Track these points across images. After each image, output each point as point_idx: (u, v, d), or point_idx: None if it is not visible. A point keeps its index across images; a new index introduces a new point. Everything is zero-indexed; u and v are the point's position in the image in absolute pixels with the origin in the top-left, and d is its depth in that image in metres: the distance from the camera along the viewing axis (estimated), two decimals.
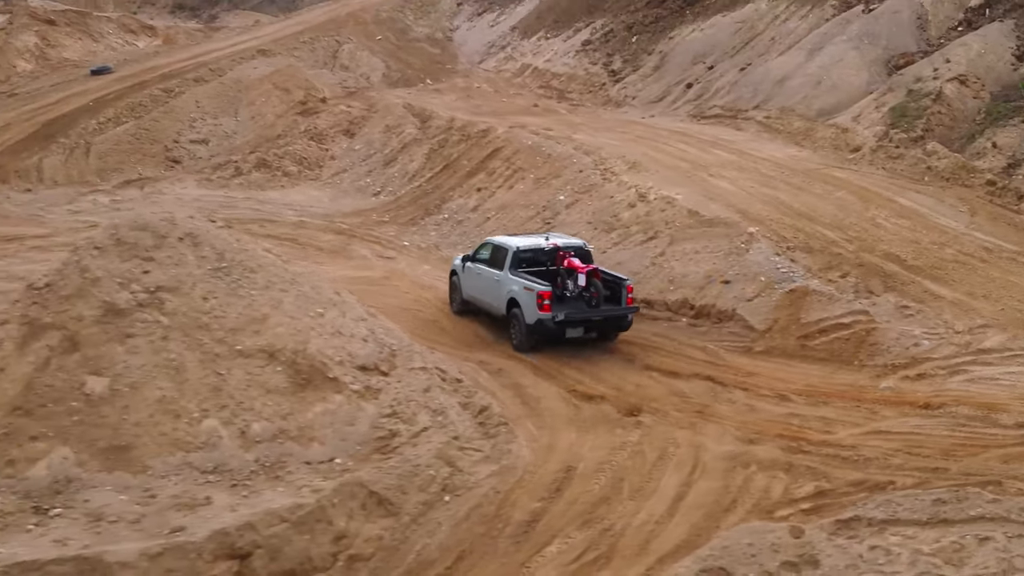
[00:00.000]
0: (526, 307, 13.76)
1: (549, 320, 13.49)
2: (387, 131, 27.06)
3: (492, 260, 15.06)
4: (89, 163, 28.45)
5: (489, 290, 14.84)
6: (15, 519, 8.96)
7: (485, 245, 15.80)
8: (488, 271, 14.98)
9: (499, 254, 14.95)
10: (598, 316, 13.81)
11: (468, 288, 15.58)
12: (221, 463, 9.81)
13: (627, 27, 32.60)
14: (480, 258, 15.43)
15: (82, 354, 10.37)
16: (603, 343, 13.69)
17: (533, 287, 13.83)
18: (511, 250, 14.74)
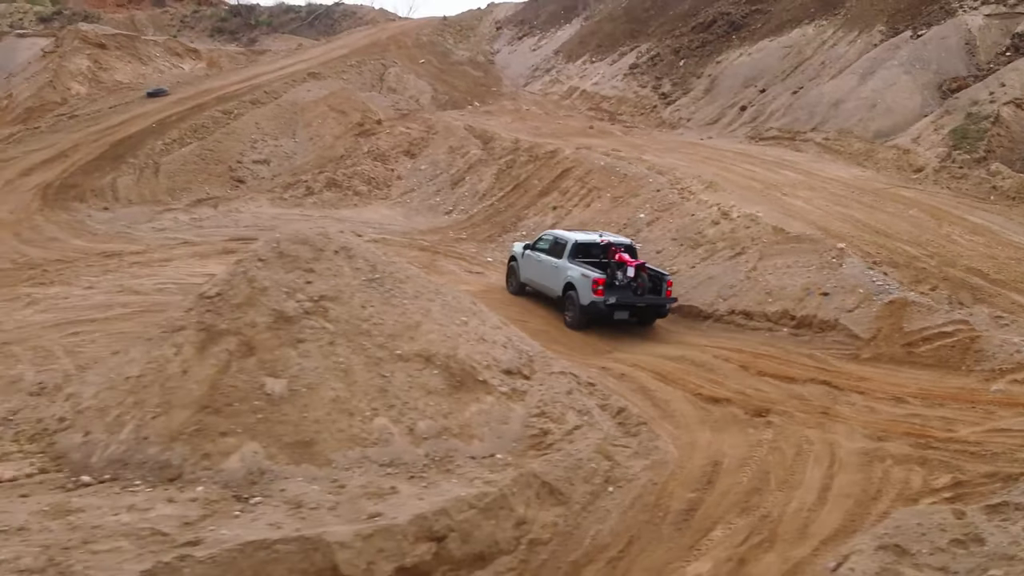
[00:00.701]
0: (581, 291, 16.17)
1: (601, 303, 15.93)
2: (451, 152, 28.00)
3: (552, 250, 17.51)
4: (159, 182, 29.43)
5: (547, 275, 17.21)
6: (220, 506, 9.75)
7: (545, 237, 18.20)
8: (548, 259, 17.43)
9: (559, 245, 17.37)
10: (642, 303, 16.19)
11: (526, 272, 18.11)
12: (396, 457, 10.62)
13: (674, 51, 33.59)
14: (540, 247, 17.90)
15: (258, 358, 11.19)
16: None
17: (589, 274, 16.21)
18: (570, 242, 17.14)
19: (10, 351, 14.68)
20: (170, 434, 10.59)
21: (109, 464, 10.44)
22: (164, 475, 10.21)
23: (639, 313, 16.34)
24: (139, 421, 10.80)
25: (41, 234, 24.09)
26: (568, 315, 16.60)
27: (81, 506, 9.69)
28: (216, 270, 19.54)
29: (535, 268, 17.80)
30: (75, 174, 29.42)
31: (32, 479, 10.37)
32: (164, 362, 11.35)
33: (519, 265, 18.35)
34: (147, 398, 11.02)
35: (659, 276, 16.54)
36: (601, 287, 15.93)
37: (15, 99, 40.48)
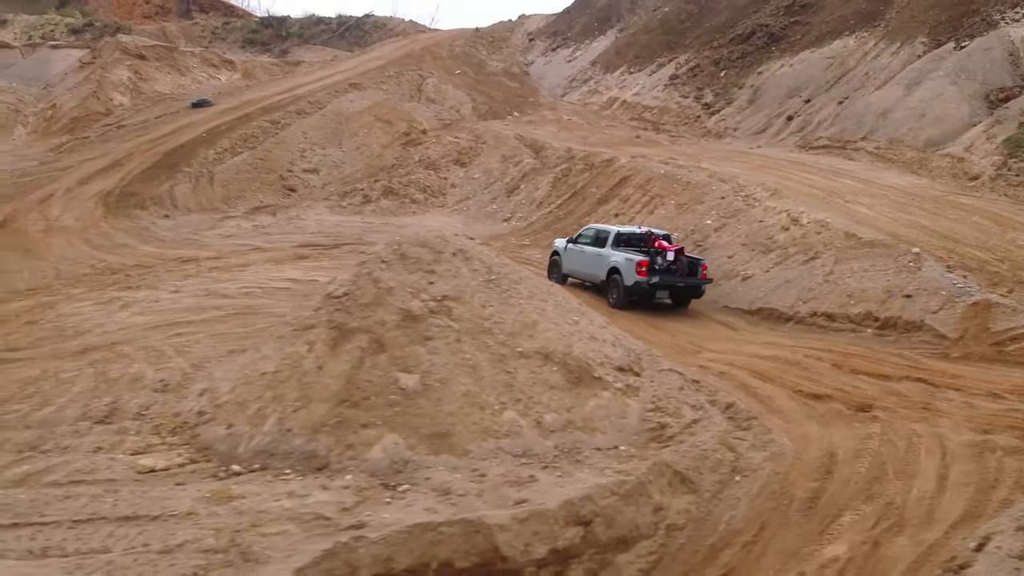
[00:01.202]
0: (626, 273, 18.02)
1: (644, 283, 17.77)
2: (504, 161, 28.61)
3: (594, 241, 19.41)
4: (214, 191, 30.08)
5: (591, 263, 19.03)
6: (371, 493, 10.28)
7: (587, 230, 20.14)
8: (591, 249, 19.28)
9: (602, 235, 19.30)
10: (681, 283, 18.03)
11: (569, 263, 19.95)
12: (528, 448, 11.15)
13: (713, 62, 34.22)
14: (582, 240, 19.79)
15: (389, 354, 11.74)
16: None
17: (633, 257, 18.09)
18: (613, 232, 19.16)
19: (122, 351, 15.24)
20: (312, 426, 11.13)
21: (256, 455, 10.97)
22: (311, 465, 10.73)
23: (677, 293, 18.10)
24: (281, 414, 11.34)
25: (111, 240, 24.68)
26: (612, 296, 18.38)
27: (241, 493, 10.23)
28: (294, 275, 20.24)
29: (578, 259, 19.58)
30: (133, 182, 30.06)
31: (184, 469, 10.91)
32: (298, 359, 11.90)
33: (562, 258, 20.07)
34: (285, 392, 11.56)
35: (695, 261, 18.41)
36: (644, 268, 17.72)
37: (59, 109, 41.24)
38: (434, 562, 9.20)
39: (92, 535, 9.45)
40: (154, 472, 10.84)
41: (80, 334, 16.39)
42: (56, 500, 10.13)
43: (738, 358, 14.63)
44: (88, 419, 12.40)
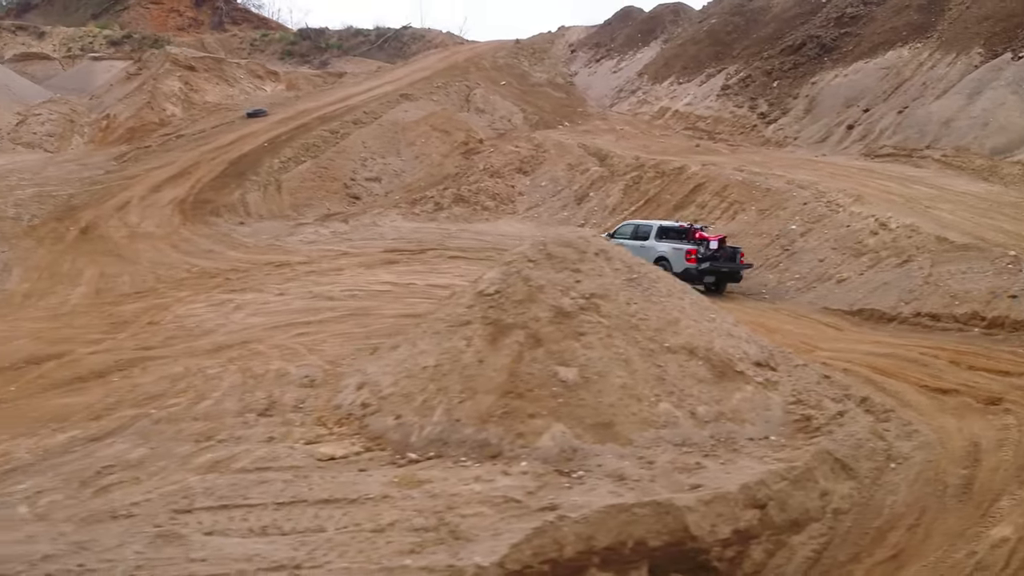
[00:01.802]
0: (675, 261, 20.08)
1: (693, 269, 19.75)
2: (570, 169, 29.24)
3: (635, 235, 21.43)
4: (283, 198, 30.75)
5: (635, 254, 19.28)
6: (549, 479, 10.80)
7: (625, 226, 22.21)
8: (631, 242, 20.34)
9: (643, 229, 21.43)
10: (725, 268, 20.19)
11: None
12: (686, 438, 11.68)
13: (765, 73, 34.86)
14: (621, 235, 21.51)
15: (546, 348, 12.29)
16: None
17: (681, 247, 20.34)
18: (655, 226, 21.31)
19: (255, 349, 15.83)
20: (480, 416, 11.68)
21: (429, 443, 11.53)
22: (485, 453, 11.28)
23: (722, 277, 20.35)
24: (447, 405, 11.90)
25: (196, 246, 25.29)
26: None
27: (428, 478, 10.79)
28: (389, 278, 20.83)
29: None
30: (204, 190, 30.73)
31: (361, 456, 11.47)
32: (457, 353, 12.47)
33: None
34: (449, 385, 12.12)
35: (735, 249, 20.58)
36: (694, 256, 20.00)
37: (114, 119, 42.00)
38: (630, 541, 9.70)
39: (299, 516, 10.01)
40: (334, 460, 11.39)
41: (206, 333, 16.96)
42: (252, 485, 10.70)
43: (855, 356, 15.14)
44: (250, 412, 12.96)
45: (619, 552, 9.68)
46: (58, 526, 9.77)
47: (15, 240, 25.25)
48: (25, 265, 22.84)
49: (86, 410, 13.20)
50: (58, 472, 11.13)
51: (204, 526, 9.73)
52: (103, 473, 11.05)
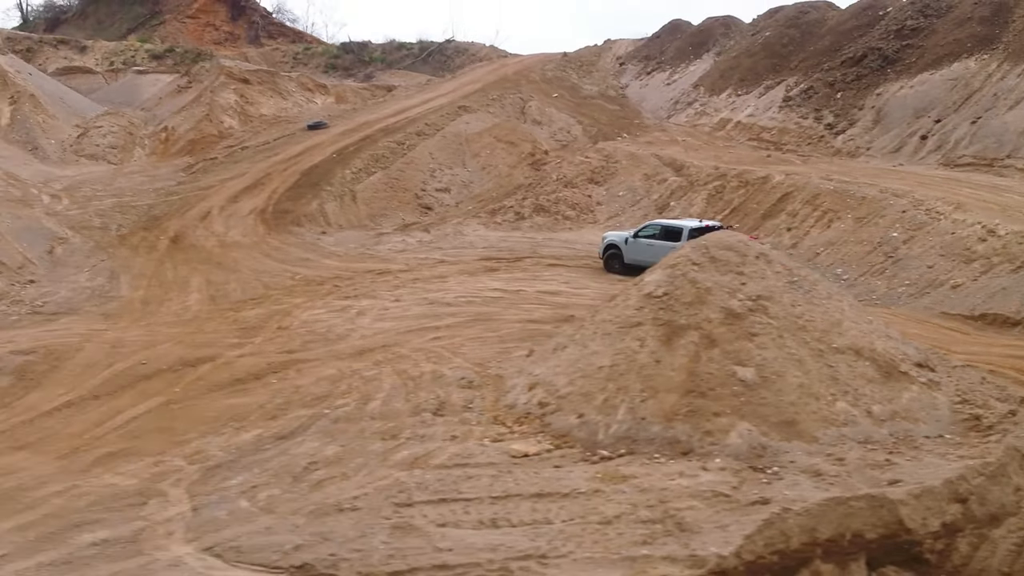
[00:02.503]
0: None
1: None
2: (647, 179, 29.57)
3: (664, 235, 22.28)
4: (359, 208, 31.11)
5: (663, 254, 20.24)
6: (747, 475, 11.06)
7: (650, 226, 23.25)
8: (660, 242, 21.86)
9: (673, 230, 22.17)
10: None
11: (632, 255, 22.65)
12: (868, 436, 11.93)
13: (827, 84, 35.20)
14: (646, 235, 22.75)
15: (721, 349, 12.58)
16: None
17: None
18: (687, 227, 21.84)
19: (399, 352, 16.14)
20: (665, 415, 11.97)
21: (618, 440, 11.81)
22: (676, 449, 11.56)
23: None
24: (630, 404, 12.19)
25: (289, 255, 25.64)
26: None
27: (632, 473, 11.07)
28: (496, 285, 21.13)
29: (646, 251, 21.84)
30: (281, 201, 31.11)
31: (552, 453, 11.76)
32: (631, 353, 12.76)
33: (623, 250, 22.99)
34: (628, 384, 12.41)
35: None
36: None
37: (174, 132, 42.44)
38: (848, 533, 9.94)
39: (517, 509, 10.30)
40: (527, 456, 11.67)
41: (341, 338, 17.28)
42: (460, 480, 11.00)
43: (992, 359, 15.39)
44: (424, 412, 13.26)
45: (839, 544, 9.92)
46: (289, 519, 10.08)
47: (111, 249, 25.62)
48: (130, 273, 23.19)
49: (259, 410, 13.50)
50: (263, 468, 11.45)
51: (431, 518, 10.03)
52: (309, 469, 11.37)
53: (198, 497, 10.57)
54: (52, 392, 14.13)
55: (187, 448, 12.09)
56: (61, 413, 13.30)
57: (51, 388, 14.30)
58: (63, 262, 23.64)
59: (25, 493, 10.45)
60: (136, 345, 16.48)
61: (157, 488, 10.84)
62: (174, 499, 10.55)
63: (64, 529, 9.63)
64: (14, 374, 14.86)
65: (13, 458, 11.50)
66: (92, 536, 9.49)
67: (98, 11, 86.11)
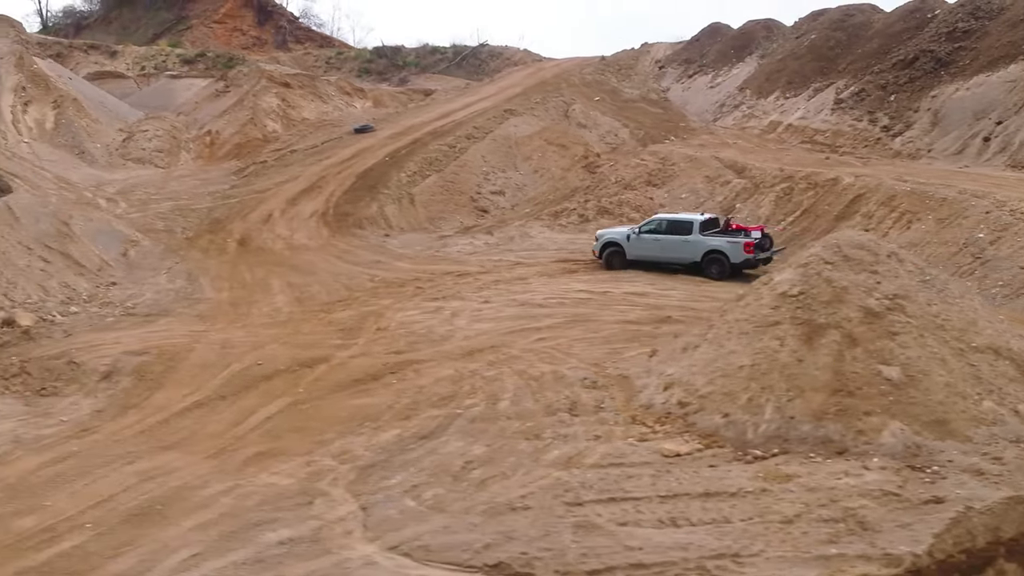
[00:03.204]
0: (732, 253, 21.99)
1: (752, 259, 21.87)
2: (709, 181, 29.51)
3: (671, 230, 23.00)
4: (417, 211, 31.09)
5: (676, 248, 22.72)
6: (908, 474, 10.96)
7: (653, 221, 23.67)
8: (668, 237, 22.87)
9: (682, 224, 23.00)
10: (767, 254, 22.21)
11: (636, 251, 23.21)
12: (1018, 435, 11.83)
13: (879, 87, 35.10)
14: (651, 231, 23.26)
15: (863, 348, 12.49)
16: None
17: (738, 240, 22.13)
18: (698, 220, 22.86)
19: (509, 353, 16.10)
20: (814, 414, 11.90)
21: (769, 440, 11.73)
22: (830, 449, 11.48)
23: (764, 261, 22.02)
24: (776, 403, 12.11)
25: (359, 257, 25.61)
26: (715, 270, 22.12)
27: (794, 472, 10.99)
28: (579, 286, 21.03)
29: (652, 246, 22.98)
30: (340, 203, 31.12)
31: (703, 453, 11.68)
32: (772, 352, 12.69)
33: (626, 247, 23.26)
34: (772, 383, 12.34)
35: (768, 236, 22.90)
36: (752, 248, 21.84)
37: (218, 136, 42.48)
38: None
39: (688, 508, 10.23)
40: (679, 456, 11.60)
41: (444, 339, 17.24)
42: (620, 479, 10.95)
43: None
44: (558, 411, 13.21)
45: (1021, 543, 9.84)
46: (463, 518, 10.03)
47: (182, 252, 25.62)
48: (208, 275, 23.17)
49: (389, 410, 13.47)
50: (418, 468, 11.40)
51: (609, 517, 9.97)
52: (467, 468, 11.31)
53: (362, 497, 10.53)
54: (177, 392, 14.09)
55: (331, 448, 12.04)
56: (193, 413, 13.26)
57: (174, 388, 14.26)
58: (137, 264, 23.61)
59: (192, 493, 10.41)
60: (243, 346, 16.45)
61: (317, 488, 10.79)
62: (339, 498, 10.50)
63: (244, 528, 9.59)
64: (133, 374, 14.83)
65: (165, 458, 11.47)
66: (275, 535, 9.44)
67: (122, 16, 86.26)
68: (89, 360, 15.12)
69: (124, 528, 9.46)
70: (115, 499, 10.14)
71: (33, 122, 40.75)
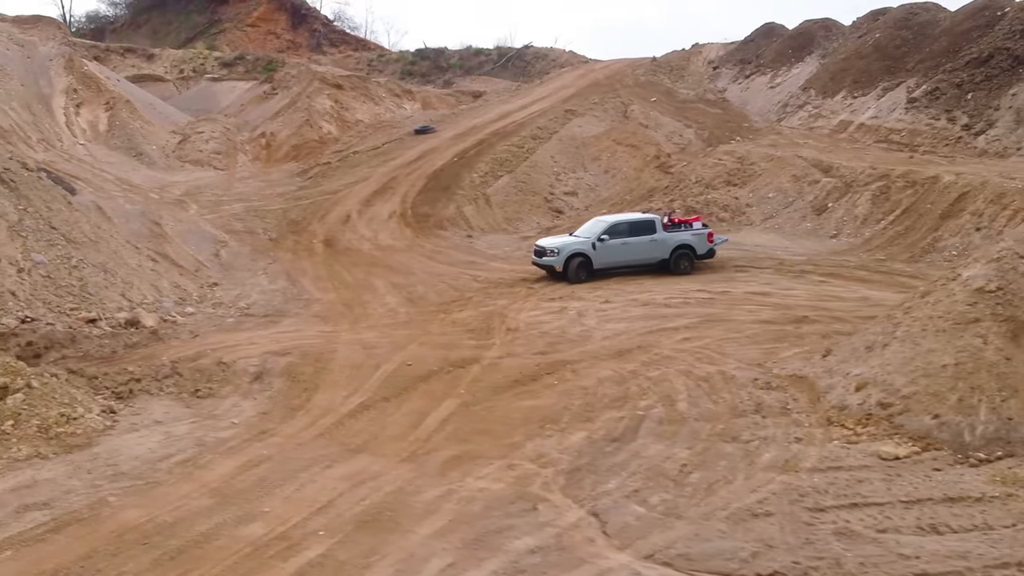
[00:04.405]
0: (698, 244, 22.54)
1: (711, 248, 22.67)
2: (796, 181, 28.98)
3: (636, 231, 22.50)
4: (494, 212, 30.63)
5: (645, 249, 22.41)
6: None
7: (616, 226, 22.57)
8: (635, 239, 22.35)
9: (645, 224, 22.69)
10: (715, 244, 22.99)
11: (607, 257, 22.10)
12: None
13: (955, 85, 34.52)
14: (616, 234, 22.29)
15: None
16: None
17: (702, 231, 22.80)
18: (657, 219, 22.94)
19: (661, 354, 15.59)
20: None
21: (989, 442, 11.21)
22: None
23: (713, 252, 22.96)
24: (990, 403, 11.56)
25: (452, 257, 25.15)
26: (684, 264, 22.31)
27: None
28: (692, 286, 20.47)
29: (621, 250, 22.18)
30: (416, 204, 30.68)
31: (922, 456, 11.12)
32: (976, 351, 12.13)
33: (593, 256, 21.92)
34: (981, 383, 11.78)
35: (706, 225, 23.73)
36: (712, 238, 22.72)
37: (274, 138, 42.07)
38: None
39: (937, 513, 9.69)
40: (898, 459, 11.05)
41: (583, 339, 16.77)
42: (852, 484, 10.42)
43: None
44: (743, 413, 12.67)
45: None
46: (707, 524, 9.49)
47: (271, 252, 25.15)
48: (306, 276, 22.69)
49: (566, 412, 12.98)
50: (628, 472, 10.88)
51: (862, 524, 9.42)
52: (683, 472, 10.78)
53: (584, 502, 10.01)
54: (336, 394, 13.61)
55: (525, 451, 11.55)
56: (363, 416, 12.78)
57: (332, 390, 13.78)
58: (231, 265, 23.16)
59: (410, 498, 9.91)
60: (383, 347, 15.98)
61: (532, 492, 10.28)
62: (560, 504, 10.00)
63: (484, 536, 9.09)
64: (284, 376, 14.35)
65: (359, 462, 10.97)
66: (521, 543, 8.94)
67: (151, 21, 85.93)
68: (236, 361, 14.61)
69: (360, 536, 8.94)
70: (334, 505, 9.63)
71: (86, 124, 40.34)
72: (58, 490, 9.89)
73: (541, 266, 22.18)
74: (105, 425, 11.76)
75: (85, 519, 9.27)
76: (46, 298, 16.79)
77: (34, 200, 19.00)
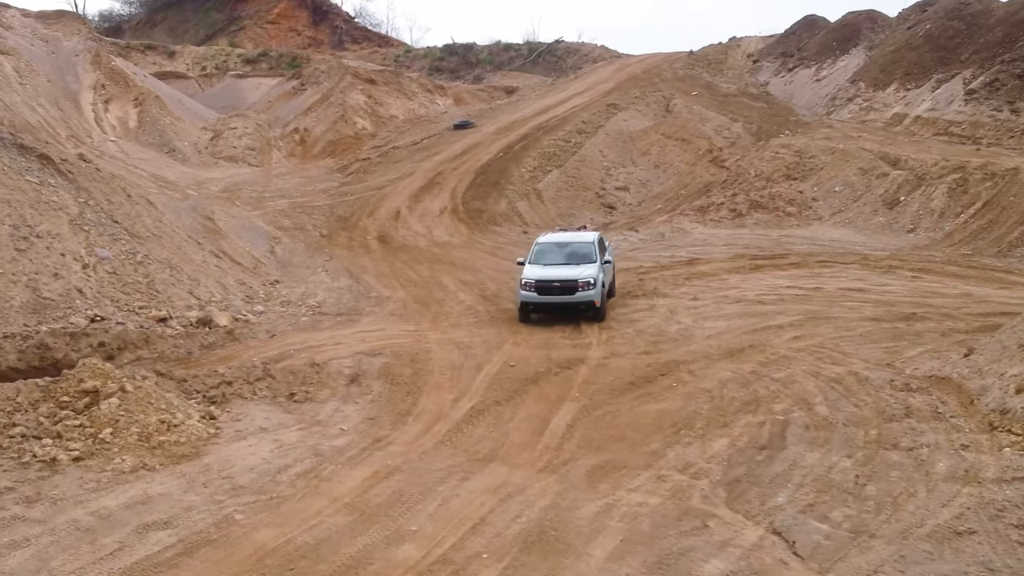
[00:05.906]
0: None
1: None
2: (864, 174, 27.94)
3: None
4: (546, 207, 29.67)
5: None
6: None
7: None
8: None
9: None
10: None
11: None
12: None
13: (1015, 76, 33.47)
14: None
15: None
16: None
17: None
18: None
19: (776, 353, 14.65)
20: None
21: None
22: None
23: None
24: None
25: (514, 254, 24.03)
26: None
27: None
28: (780, 283, 19.49)
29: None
30: (466, 199, 29.73)
31: None
32: None
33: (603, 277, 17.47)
34: None
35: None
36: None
37: (308, 133, 41.15)
38: None
39: None
40: None
41: (685, 338, 15.86)
42: None
43: None
44: (893, 418, 11.67)
45: None
46: (907, 544, 8.48)
47: (326, 249, 24.20)
48: (368, 273, 21.72)
49: (698, 417, 12.04)
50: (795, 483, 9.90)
51: None
52: (858, 484, 9.77)
53: (758, 518, 9.02)
54: (443, 397, 12.66)
55: (668, 460, 10.60)
56: (479, 421, 11.83)
57: (437, 393, 12.82)
58: (288, 261, 22.21)
59: (569, 515, 8.94)
60: (477, 346, 15.09)
61: (696, 507, 9.29)
62: (731, 520, 9.03)
63: (667, 559, 8.18)
64: (381, 378, 13.40)
65: (495, 473, 10.01)
66: (710, 567, 7.98)
67: (168, 18, 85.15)
68: (329, 362, 13.64)
69: (530, 559, 7.97)
70: (489, 523, 8.64)
71: (116, 120, 39.41)
72: (177, 507, 8.91)
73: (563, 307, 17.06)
74: (209, 433, 10.78)
75: (215, 540, 8.28)
76: (113, 295, 15.83)
77: (94, 192, 18.07)
